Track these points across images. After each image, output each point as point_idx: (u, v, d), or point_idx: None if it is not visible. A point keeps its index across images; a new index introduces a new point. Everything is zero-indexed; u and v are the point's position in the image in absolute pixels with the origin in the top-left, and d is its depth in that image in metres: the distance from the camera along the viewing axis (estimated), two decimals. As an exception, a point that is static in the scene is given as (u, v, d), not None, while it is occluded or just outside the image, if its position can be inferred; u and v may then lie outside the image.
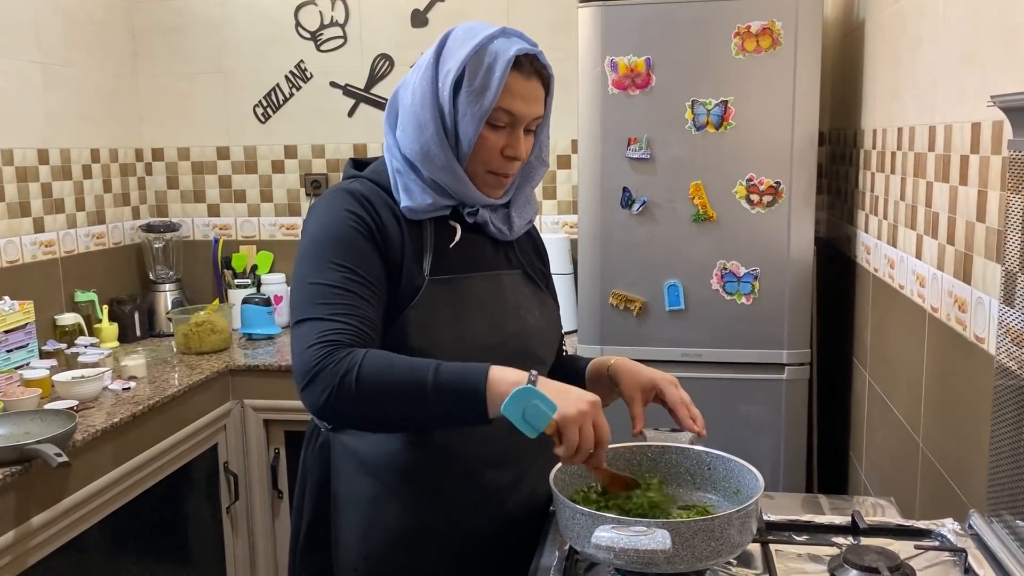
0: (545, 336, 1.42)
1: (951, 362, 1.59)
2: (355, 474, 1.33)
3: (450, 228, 1.34)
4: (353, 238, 1.25)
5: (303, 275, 1.25)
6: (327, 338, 1.17)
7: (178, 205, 3.41)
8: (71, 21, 2.95)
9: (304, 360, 1.17)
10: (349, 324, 1.19)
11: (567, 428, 1.10)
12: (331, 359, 1.15)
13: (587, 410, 1.11)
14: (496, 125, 1.26)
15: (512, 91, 1.25)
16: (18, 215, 2.72)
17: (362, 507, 1.32)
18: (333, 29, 3.21)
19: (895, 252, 2.00)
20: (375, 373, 1.14)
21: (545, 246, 1.54)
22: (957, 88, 1.56)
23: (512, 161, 1.29)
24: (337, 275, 1.22)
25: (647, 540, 1.03)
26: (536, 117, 1.30)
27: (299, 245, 1.30)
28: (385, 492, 1.31)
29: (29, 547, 1.91)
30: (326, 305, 1.20)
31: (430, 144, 1.26)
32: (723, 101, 2.37)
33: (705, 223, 2.43)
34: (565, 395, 1.12)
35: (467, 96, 1.24)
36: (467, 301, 1.32)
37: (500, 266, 1.39)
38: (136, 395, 2.37)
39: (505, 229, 1.38)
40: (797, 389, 2.47)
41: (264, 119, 3.31)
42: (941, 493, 1.64)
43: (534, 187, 1.42)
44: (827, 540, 1.28)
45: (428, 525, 1.32)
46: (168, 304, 3.20)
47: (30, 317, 2.59)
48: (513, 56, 1.24)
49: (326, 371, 1.14)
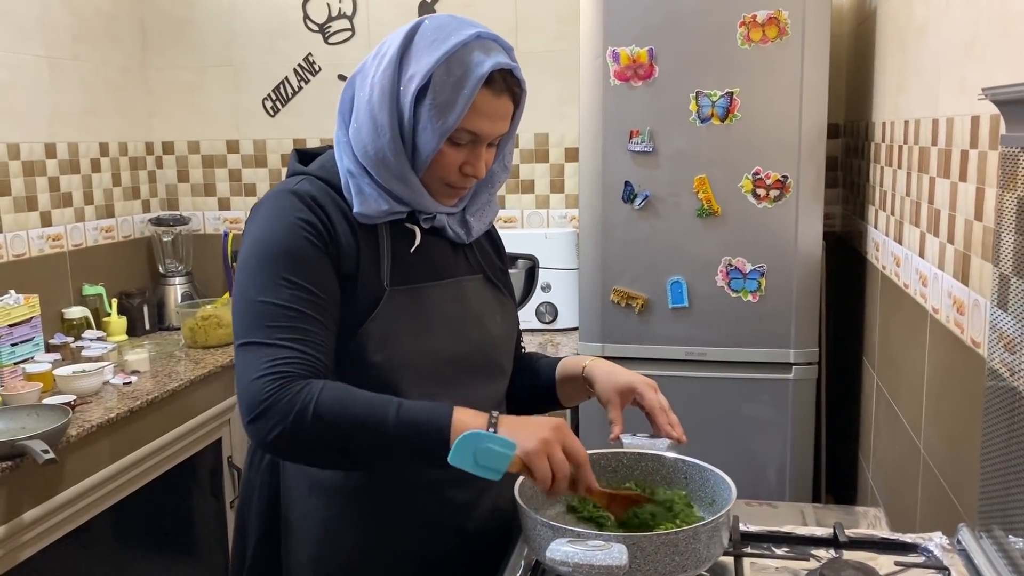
0: (506, 344, 1.36)
1: (950, 366, 1.53)
2: (307, 495, 1.24)
3: (407, 232, 1.25)
4: (305, 250, 1.14)
5: (248, 289, 1.14)
6: (278, 369, 1.07)
7: (188, 199, 3.42)
8: (79, 15, 2.96)
9: (252, 392, 1.07)
10: (303, 353, 1.10)
11: (533, 461, 1.04)
12: (283, 393, 1.06)
13: (549, 437, 1.05)
14: (457, 142, 1.17)
15: (479, 110, 1.15)
16: (25, 209, 2.74)
17: (315, 530, 1.24)
18: (341, 21, 3.18)
19: (901, 249, 1.93)
20: (332, 411, 1.05)
21: (502, 242, 1.46)
22: (958, 79, 1.49)
23: (470, 177, 1.22)
24: (288, 293, 1.12)
25: (602, 555, 0.99)
26: (501, 135, 1.21)
27: (242, 251, 1.18)
28: (339, 514, 1.23)
29: (21, 542, 1.91)
30: (276, 328, 1.10)
31: (385, 151, 1.17)
32: (728, 93, 2.30)
33: (710, 218, 2.37)
34: (524, 428, 1.05)
35: (430, 109, 1.14)
36: (429, 312, 1.24)
37: (461, 271, 1.31)
38: (136, 390, 2.37)
39: (463, 233, 1.30)
40: (805, 389, 2.40)
41: (273, 112, 3.30)
42: (939, 503, 1.58)
43: (494, 192, 1.34)
44: (806, 553, 1.22)
45: (385, 547, 1.24)
46: (178, 297, 3.21)
47: (35, 311, 2.60)
48: (486, 73, 1.13)
49: (278, 406, 1.05)
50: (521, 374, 1.42)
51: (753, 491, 2.39)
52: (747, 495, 1.57)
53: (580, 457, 1.08)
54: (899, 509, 1.91)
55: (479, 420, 1.06)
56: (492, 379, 1.32)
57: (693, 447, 1.31)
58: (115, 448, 2.21)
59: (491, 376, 1.31)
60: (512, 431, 1.05)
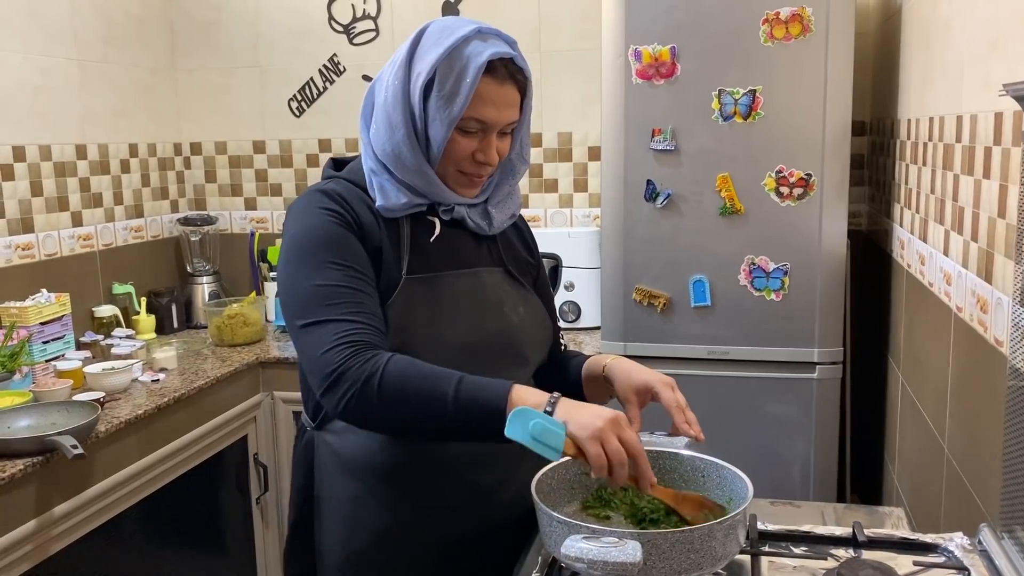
0: (532, 334, 1.39)
1: (974, 365, 1.51)
2: (338, 475, 1.32)
3: (428, 223, 1.32)
4: (342, 235, 1.24)
5: (298, 278, 1.22)
6: (348, 339, 1.15)
7: (216, 199, 3.47)
8: (109, 18, 3.01)
9: (325, 362, 1.15)
10: (366, 323, 1.18)
11: (586, 445, 1.06)
12: (355, 360, 1.13)
13: (603, 426, 1.06)
14: (467, 131, 1.24)
15: (483, 98, 1.21)
16: (56, 209, 2.79)
17: (344, 508, 1.31)
18: (365, 22, 3.21)
19: (925, 248, 1.91)
20: (398, 380, 1.12)
21: (535, 238, 1.50)
22: (982, 75, 1.48)
23: (483, 165, 1.27)
24: (339, 274, 1.20)
25: (617, 552, 0.99)
26: (510, 122, 1.26)
27: (281, 250, 1.28)
28: (366, 492, 1.30)
29: (51, 535, 1.95)
30: (336, 306, 1.18)
31: (401, 147, 1.24)
32: (751, 90, 2.29)
33: (732, 216, 2.36)
34: (580, 413, 1.08)
35: (437, 101, 1.21)
36: (445, 299, 1.30)
37: (481, 263, 1.36)
38: (164, 387, 2.41)
39: (484, 224, 1.35)
40: (829, 389, 2.38)
41: (299, 113, 3.33)
42: (963, 503, 1.56)
43: (515, 183, 1.38)
44: (825, 552, 1.22)
45: (410, 526, 1.30)
46: (205, 296, 3.25)
47: (66, 309, 2.65)
48: (485, 62, 1.20)
49: (349, 373, 1.13)
50: (555, 371, 1.45)
51: (777, 491, 2.37)
52: (771, 494, 1.57)
53: (636, 449, 1.09)
54: (923, 509, 1.89)
55: (538, 398, 1.10)
56: (514, 366, 1.34)
57: (716, 446, 1.30)
58: (143, 444, 2.25)
59: (513, 363, 1.34)
60: (568, 413, 1.08)
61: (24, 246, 2.66)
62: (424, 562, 1.31)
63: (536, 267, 1.48)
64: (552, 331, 1.46)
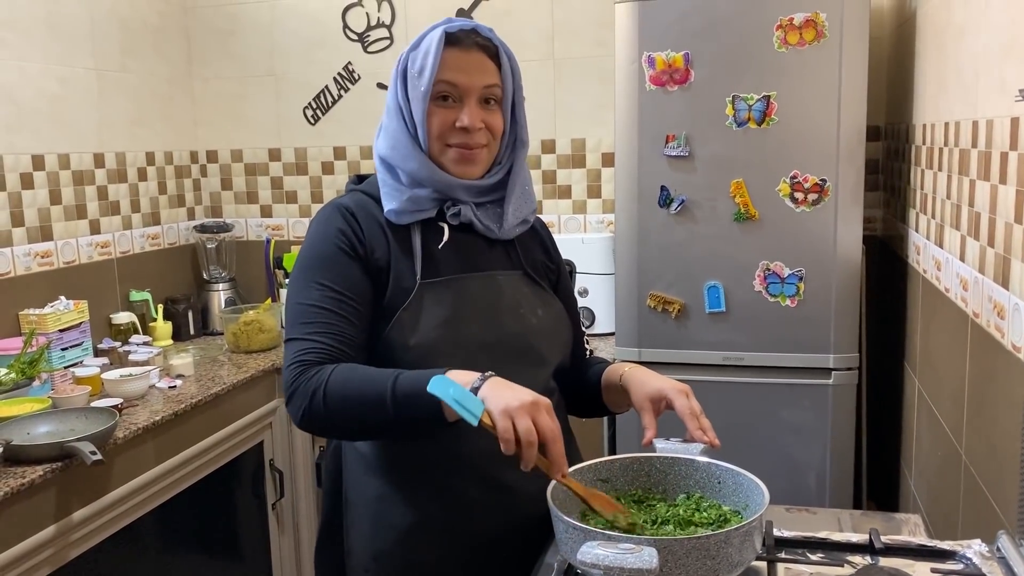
0: (551, 336, 1.40)
1: (991, 371, 1.50)
2: (363, 475, 1.36)
3: (438, 230, 1.36)
4: (335, 256, 1.30)
5: (291, 293, 1.32)
6: (300, 358, 1.23)
7: (232, 206, 3.49)
8: (127, 28, 3.04)
9: (284, 380, 1.25)
10: (322, 343, 1.24)
11: (498, 419, 1.09)
12: (303, 378, 1.22)
13: (517, 405, 1.09)
14: (442, 100, 1.30)
15: (449, 64, 1.28)
16: (74, 217, 2.82)
17: (370, 507, 1.35)
18: (380, 30, 3.23)
19: (941, 253, 1.90)
20: (339, 389, 1.19)
21: (555, 242, 1.52)
22: (997, 80, 1.47)
23: (468, 132, 1.30)
24: (317, 294, 1.27)
25: (633, 558, 0.99)
26: (488, 85, 1.31)
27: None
28: (392, 491, 1.33)
29: (71, 541, 1.97)
30: (305, 325, 1.26)
31: (396, 136, 1.33)
32: (765, 96, 2.29)
33: (747, 222, 2.35)
34: (502, 391, 1.11)
35: (411, 82, 1.30)
36: (461, 301, 1.33)
37: (497, 266, 1.39)
38: (181, 393, 2.43)
39: (495, 227, 1.37)
40: (845, 395, 2.37)
41: (314, 121, 3.35)
42: (981, 510, 1.55)
43: (525, 176, 1.40)
44: (841, 559, 1.21)
45: (436, 523, 1.32)
46: (222, 303, 3.27)
47: (84, 316, 2.68)
48: (443, 32, 1.27)
49: (299, 390, 1.21)
50: (576, 375, 1.47)
51: (793, 497, 2.36)
52: (787, 501, 1.57)
53: (550, 434, 1.11)
54: (941, 516, 1.88)
55: (469, 377, 1.14)
56: (533, 366, 1.36)
57: (732, 452, 1.30)
58: (160, 450, 2.26)
59: (530, 364, 1.35)
60: (492, 390, 1.11)
61: (43, 254, 2.69)
62: (450, 559, 1.32)
63: (556, 270, 1.49)
64: (574, 334, 1.47)
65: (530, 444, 1.09)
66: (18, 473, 1.83)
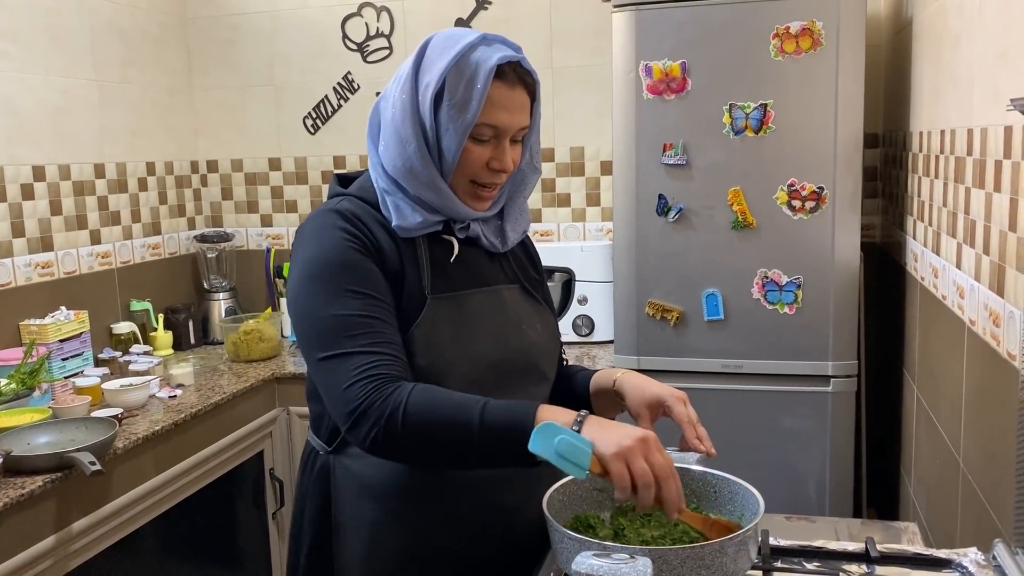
0: (547, 350, 1.39)
1: (987, 379, 1.50)
2: (357, 498, 1.30)
3: (445, 243, 1.30)
4: (359, 261, 1.21)
5: (316, 307, 1.19)
6: (369, 372, 1.13)
7: (232, 215, 3.50)
8: (127, 39, 3.06)
9: (347, 399, 1.13)
10: (386, 355, 1.16)
11: (610, 464, 1.04)
12: (378, 395, 1.12)
13: (631, 445, 1.04)
14: (480, 139, 1.22)
15: (495, 103, 1.20)
16: (75, 227, 2.83)
17: (364, 532, 1.29)
18: (379, 40, 3.24)
19: (939, 261, 1.90)
20: (422, 411, 1.10)
21: (538, 254, 1.50)
22: (991, 89, 1.48)
23: (498, 173, 1.25)
24: (358, 303, 1.18)
25: (628, 569, 0.99)
26: (522, 127, 1.25)
27: (292, 272, 1.25)
28: (388, 516, 1.28)
29: (70, 551, 1.97)
30: (356, 336, 1.16)
31: (413, 160, 1.23)
32: (762, 104, 2.30)
33: (745, 230, 2.36)
34: (608, 431, 1.06)
35: (448, 110, 1.20)
36: (470, 317, 1.29)
37: (499, 280, 1.35)
38: (181, 403, 2.43)
39: (498, 242, 1.34)
40: (844, 402, 2.37)
41: (314, 130, 3.36)
42: (979, 519, 1.55)
43: (527, 196, 1.37)
44: (837, 568, 1.21)
45: (433, 548, 1.28)
46: (222, 312, 3.28)
47: (85, 326, 2.69)
48: (495, 66, 1.18)
49: (373, 408, 1.11)
50: (560, 385, 1.45)
51: (792, 505, 2.36)
52: (786, 509, 1.57)
53: (665, 472, 1.06)
54: (939, 524, 1.88)
55: (566, 417, 1.08)
56: (535, 383, 1.34)
57: (730, 460, 1.30)
58: (160, 460, 2.27)
59: (534, 380, 1.34)
60: (594, 431, 1.06)
61: (44, 264, 2.70)
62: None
63: (542, 283, 1.47)
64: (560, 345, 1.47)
65: (647, 486, 1.04)
66: (18, 484, 1.83)
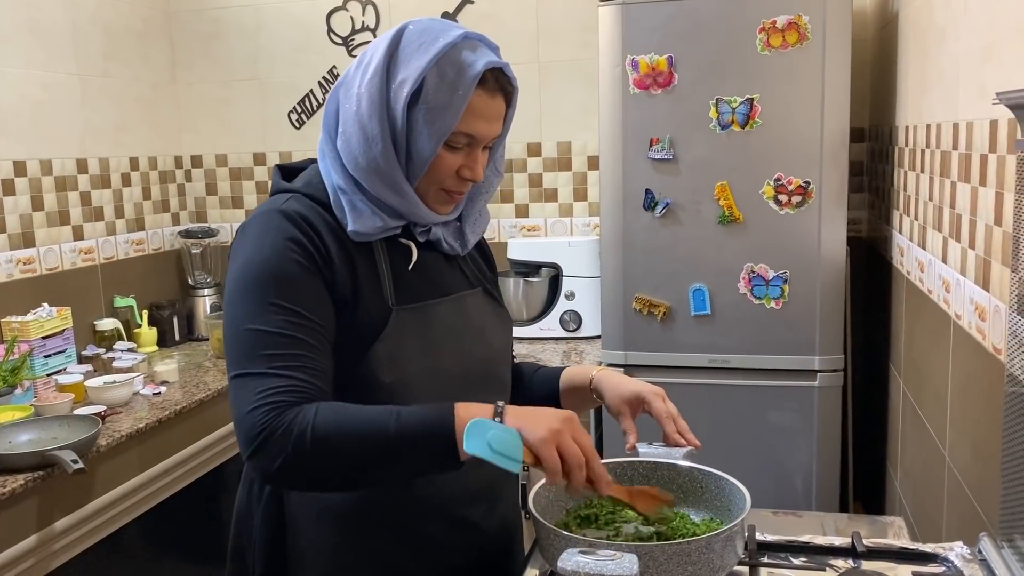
0: (505, 356, 1.35)
1: (973, 373, 1.51)
2: (315, 521, 1.20)
3: (403, 248, 1.21)
4: (296, 274, 1.09)
5: (238, 317, 1.08)
6: (273, 399, 1.03)
7: (217, 211, 3.48)
8: (110, 33, 3.03)
9: (248, 426, 1.03)
10: (296, 379, 1.05)
11: (541, 450, 1.00)
12: (279, 422, 1.01)
13: (559, 427, 1.02)
14: (454, 146, 1.14)
15: (475, 111, 1.12)
16: (57, 223, 2.80)
17: (325, 557, 1.20)
18: (364, 34, 3.22)
19: (924, 255, 1.91)
20: (331, 431, 1.01)
21: (491, 252, 1.43)
22: (977, 83, 1.48)
23: (467, 181, 1.18)
24: (279, 319, 1.06)
25: (614, 565, 0.99)
26: (496, 136, 1.18)
27: (229, 276, 1.13)
28: (350, 539, 1.20)
29: (53, 550, 1.95)
30: (268, 357, 1.05)
31: (378, 160, 1.12)
32: (749, 99, 2.29)
33: (731, 225, 2.36)
34: (532, 417, 1.03)
35: (424, 113, 1.11)
36: (435, 329, 1.21)
37: (461, 286, 1.28)
38: (165, 400, 2.41)
39: (457, 245, 1.26)
40: (830, 396, 2.38)
41: (299, 125, 3.34)
42: (964, 513, 1.55)
43: (488, 199, 1.31)
44: (824, 563, 1.21)
45: (397, 566, 1.22)
46: (207, 308, 3.25)
47: (68, 323, 2.66)
48: (480, 73, 1.10)
49: (275, 436, 1.01)
50: (520, 385, 1.41)
51: (779, 500, 2.37)
52: (773, 504, 1.57)
53: (591, 449, 1.04)
54: (926, 518, 1.89)
55: (484, 411, 1.03)
56: (497, 393, 1.29)
57: (717, 455, 1.30)
58: (144, 458, 2.25)
59: (496, 390, 1.29)
60: (518, 420, 1.02)
61: (25, 260, 2.67)
62: None
63: (495, 282, 1.41)
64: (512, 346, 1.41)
65: (580, 467, 1.02)
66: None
